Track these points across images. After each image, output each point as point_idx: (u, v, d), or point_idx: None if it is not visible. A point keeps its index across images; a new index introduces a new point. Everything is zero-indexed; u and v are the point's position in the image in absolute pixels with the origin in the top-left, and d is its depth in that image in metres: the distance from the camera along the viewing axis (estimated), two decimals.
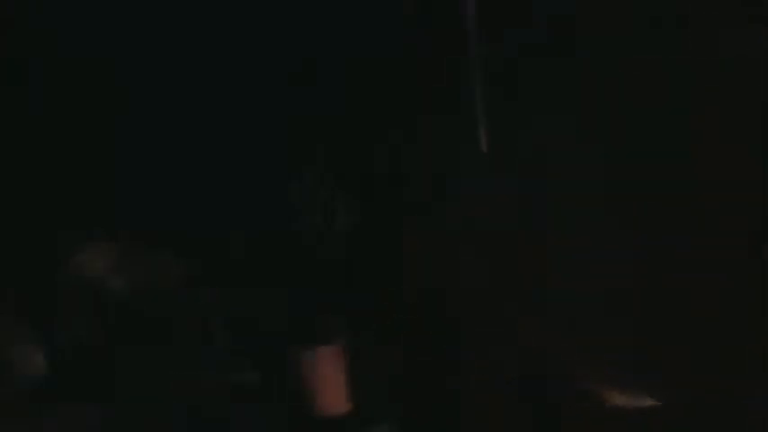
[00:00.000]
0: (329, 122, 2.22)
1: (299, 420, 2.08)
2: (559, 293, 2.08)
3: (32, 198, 2.18)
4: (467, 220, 2.16)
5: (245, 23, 2.21)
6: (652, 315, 2.04)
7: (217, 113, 2.21)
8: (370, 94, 2.21)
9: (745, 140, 2.04)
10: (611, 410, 1.98)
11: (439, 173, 2.20)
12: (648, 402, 1.97)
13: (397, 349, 2.13)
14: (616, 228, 2.07)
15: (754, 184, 2.01)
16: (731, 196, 2.01)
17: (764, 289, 1.99)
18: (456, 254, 2.16)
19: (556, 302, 2.08)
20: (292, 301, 2.14)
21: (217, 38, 2.20)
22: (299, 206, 2.21)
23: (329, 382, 2.08)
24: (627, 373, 2.01)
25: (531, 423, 2.03)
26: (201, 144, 2.21)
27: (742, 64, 2.04)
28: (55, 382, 2.06)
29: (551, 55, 2.14)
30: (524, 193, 2.15)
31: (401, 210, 2.21)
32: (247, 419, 2.07)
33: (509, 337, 2.08)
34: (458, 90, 2.19)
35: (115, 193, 2.19)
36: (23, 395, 2.04)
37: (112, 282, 2.12)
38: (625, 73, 2.11)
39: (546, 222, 2.13)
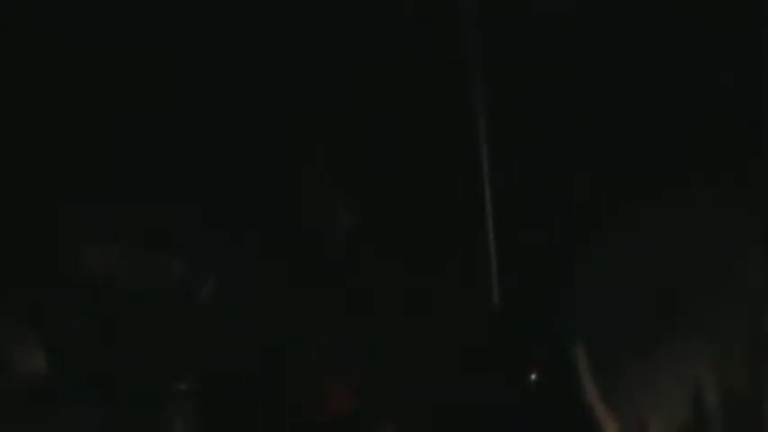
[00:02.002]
0: (329, 122, 2.22)
1: (300, 420, 2.08)
2: None
3: (33, 197, 2.18)
4: None
5: (244, 23, 2.21)
6: None
7: (217, 114, 2.21)
8: (370, 94, 2.21)
9: None
10: None
11: None
12: None
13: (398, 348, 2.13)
14: None
15: None
16: None
17: None
18: None
19: None
20: (294, 300, 2.14)
21: (216, 38, 2.20)
22: (298, 206, 2.21)
23: (330, 381, 2.08)
24: None
25: None
26: (201, 144, 2.21)
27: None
28: (55, 382, 2.06)
29: (551, 55, 2.14)
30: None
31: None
32: (248, 419, 2.07)
33: None
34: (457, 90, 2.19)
35: (116, 193, 2.19)
36: (23, 395, 2.04)
37: (113, 281, 2.12)
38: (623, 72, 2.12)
39: None
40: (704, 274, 1.99)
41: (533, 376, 2.07)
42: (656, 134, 2.13)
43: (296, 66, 2.21)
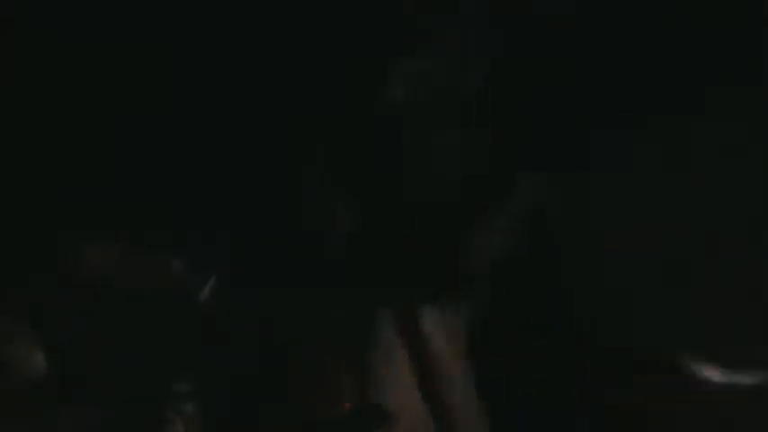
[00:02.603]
0: (329, 122, 2.22)
1: (300, 420, 2.08)
2: None
3: (32, 197, 2.18)
4: None
5: (244, 23, 2.21)
6: None
7: (216, 113, 2.21)
8: (370, 94, 2.21)
9: None
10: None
11: None
12: None
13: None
14: None
15: None
16: None
17: None
18: None
19: None
20: (294, 300, 2.14)
21: (216, 38, 2.20)
22: (298, 206, 2.21)
23: (330, 381, 2.08)
24: None
25: None
26: (201, 144, 2.21)
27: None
28: (55, 382, 2.06)
29: (552, 55, 2.14)
30: None
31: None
32: (248, 419, 2.07)
33: None
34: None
35: (115, 192, 2.19)
36: (23, 395, 2.04)
37: (113, 281, 2.12)
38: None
39: None
40: (707, 272, 2.00)
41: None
42: (655, 133, 2.14)
43: (296, 65, 2.21)
